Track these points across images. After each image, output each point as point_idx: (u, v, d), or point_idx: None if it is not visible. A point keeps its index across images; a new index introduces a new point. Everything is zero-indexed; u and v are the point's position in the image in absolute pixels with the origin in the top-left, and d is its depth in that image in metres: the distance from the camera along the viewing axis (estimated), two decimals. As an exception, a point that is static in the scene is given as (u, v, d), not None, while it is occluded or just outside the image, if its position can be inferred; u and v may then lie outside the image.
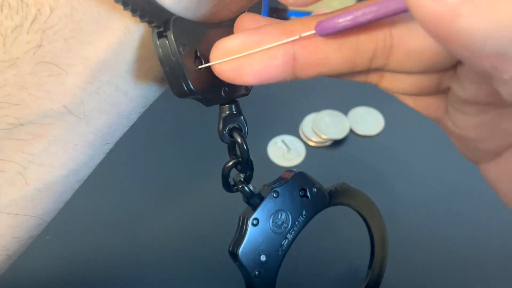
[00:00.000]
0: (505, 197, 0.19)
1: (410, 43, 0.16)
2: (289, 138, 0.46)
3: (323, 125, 0.46)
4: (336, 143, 0.45)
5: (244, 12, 0.20)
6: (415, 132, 0.45)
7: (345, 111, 0.47)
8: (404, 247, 0.37)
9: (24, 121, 0.18)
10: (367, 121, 0.46)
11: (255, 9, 0.21)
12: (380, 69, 0.18)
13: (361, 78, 0.19)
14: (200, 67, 0.18)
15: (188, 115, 0.48)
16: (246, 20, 0.18)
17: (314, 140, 0.45)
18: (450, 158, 0.43)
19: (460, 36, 0.11)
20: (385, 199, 0.41)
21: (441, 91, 0.18)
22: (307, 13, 0.50)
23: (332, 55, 0.17)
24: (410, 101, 0.20)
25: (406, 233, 0.38)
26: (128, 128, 0.21)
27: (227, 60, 0.17)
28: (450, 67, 0.17)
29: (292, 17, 0.52)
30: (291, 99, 0.49)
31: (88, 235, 0.38)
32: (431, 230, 0.39)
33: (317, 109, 0.47)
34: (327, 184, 0.24)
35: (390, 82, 0.18)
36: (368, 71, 0.18)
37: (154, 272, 0.36)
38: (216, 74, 0.18)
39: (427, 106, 0.19)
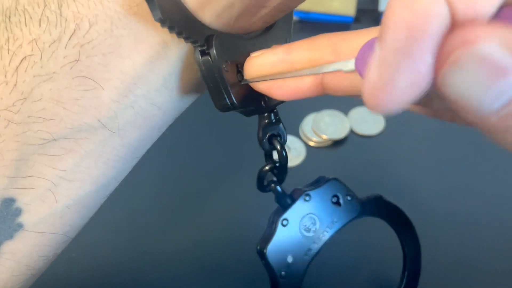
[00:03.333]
0: None
1: None
2: (289, 138, 0.45)
3: (323, 125, 0.46)
4: (336, 143, 0.46)
5: (276, 22, 0.20)
6: (416, 132, 0.46)
7: (345, 111, 0.47)
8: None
9: (58, 136, 0.17)
10: (367, 121, 0.47)
11: (286, 19, 0.21)
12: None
13: None
14: (242, 83, 0.18)
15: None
16: None
17: (314, 140, 0.45)
18: (450, 158, 0.44)
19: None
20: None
21: None
22: (307, 13, 0.50)
23: (359, 83, 0.17)
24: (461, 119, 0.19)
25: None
26: (155, 140, 0.21)
27: (261, 76, 0.18)
28: None
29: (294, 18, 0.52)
30: (291, 99, 0.49)
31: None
32: (430, 230, 0.39)
33: (317, 109, 0.47)
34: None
35: (438, 105, 0.18)
36: None
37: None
38: (254, 87, 0.18)
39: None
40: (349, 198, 0.23)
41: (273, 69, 0.17)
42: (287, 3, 0.18)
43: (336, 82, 0.17)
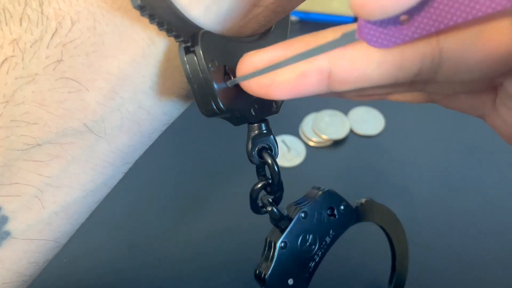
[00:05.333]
0: None
1: (462, 59, 0.14)
2: (289, 138, 0.45)
3: (323, 125, 0.45)
4: (336, 143, 0.45)
5: (272, 25, 0.19)
6: (415, 132, 0.45)
7: (345, 111, 0.46)
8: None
9: (42, 141, 0.17)
10: (367, 121, 0.46)
11: (283, 22, 0.20)
12: (426, 81, 0.16)
13: (403, 89, 0.17)
14: (228, 83, 0.17)
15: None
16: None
17: (314, 140, 0.45)
18: (450, 158, 0.43)
19: None
20: (385, 199, 0.40)
21: (491, 88, 0.17)
22: (307, 13, 0.49)
23: (371, 72, 0.15)
24: (452, 103, 0.18)
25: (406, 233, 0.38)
26: (148, 146, 0.20)
27: (256, 76, 0.16)
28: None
29: (292, 17, 0.51)
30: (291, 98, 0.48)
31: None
32: (431, 230, 0.39)
33: (317, 109, 0.46)
34: (327, 184, 0.23)
35: (435, 88, 0.17)
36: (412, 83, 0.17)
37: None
38: (245, 89, 0.17)
39: (471, 104, 0.18)
40: (342, 207, 0.22)
41: (269, 64, 0.15)
42: (281, 4, 0.17)
43: (347, 71, 0.15)
